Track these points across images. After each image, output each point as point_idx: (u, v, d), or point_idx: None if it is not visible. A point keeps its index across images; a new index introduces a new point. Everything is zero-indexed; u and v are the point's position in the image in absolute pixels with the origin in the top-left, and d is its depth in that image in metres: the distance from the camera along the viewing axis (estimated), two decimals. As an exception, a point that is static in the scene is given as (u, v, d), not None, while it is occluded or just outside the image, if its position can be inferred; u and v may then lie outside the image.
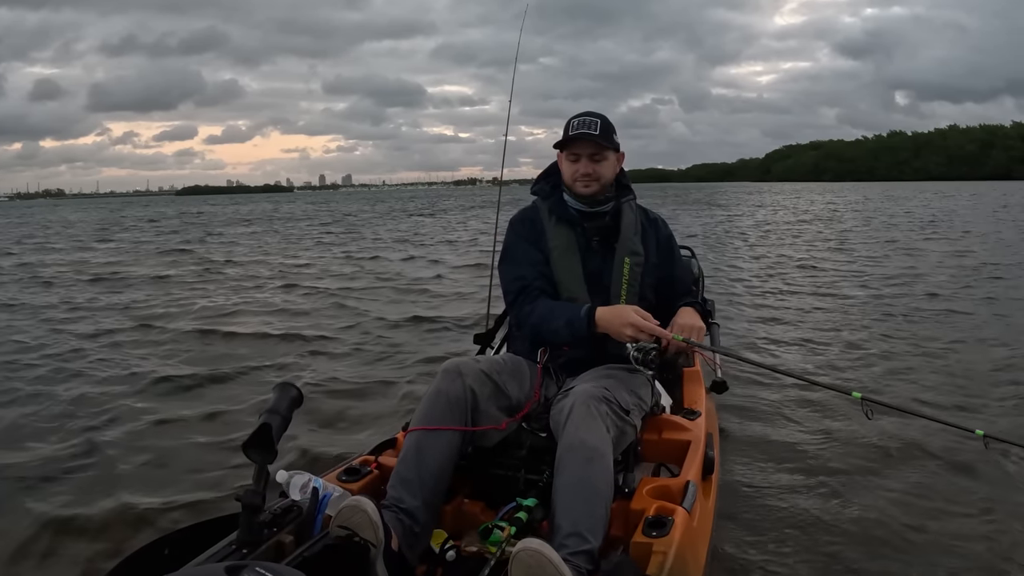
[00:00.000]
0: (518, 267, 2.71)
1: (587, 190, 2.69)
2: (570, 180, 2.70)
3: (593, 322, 2.48)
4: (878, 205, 37.57)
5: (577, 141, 2.66)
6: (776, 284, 10.67)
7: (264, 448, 1.95)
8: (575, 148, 2.68)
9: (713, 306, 4.03)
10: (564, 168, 2.72)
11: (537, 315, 2.60)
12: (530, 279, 2.67)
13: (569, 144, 2.68)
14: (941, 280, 10.58)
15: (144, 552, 1.94)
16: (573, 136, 2.64)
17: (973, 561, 2.93)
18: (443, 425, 2.33)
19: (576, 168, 2.68)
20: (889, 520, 3.26)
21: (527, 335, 2.71)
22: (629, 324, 2.43)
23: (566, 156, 2.70)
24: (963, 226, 21.90)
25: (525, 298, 2.66)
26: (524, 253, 2.72)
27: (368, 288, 10.95)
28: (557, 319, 2.56)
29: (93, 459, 4.07)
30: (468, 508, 2.49)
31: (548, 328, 2.58)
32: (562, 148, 2.71)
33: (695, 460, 2.54)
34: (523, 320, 2.67)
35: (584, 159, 2.67)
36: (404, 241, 20.74)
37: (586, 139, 2.65)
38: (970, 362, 5.91)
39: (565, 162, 2.71)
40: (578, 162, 2.68)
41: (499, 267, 2.82)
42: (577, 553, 2.02)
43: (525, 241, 2.74)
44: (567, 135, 2.66)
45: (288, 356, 6.59)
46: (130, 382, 5.66)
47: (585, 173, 2.67)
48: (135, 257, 17.20)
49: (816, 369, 5.81)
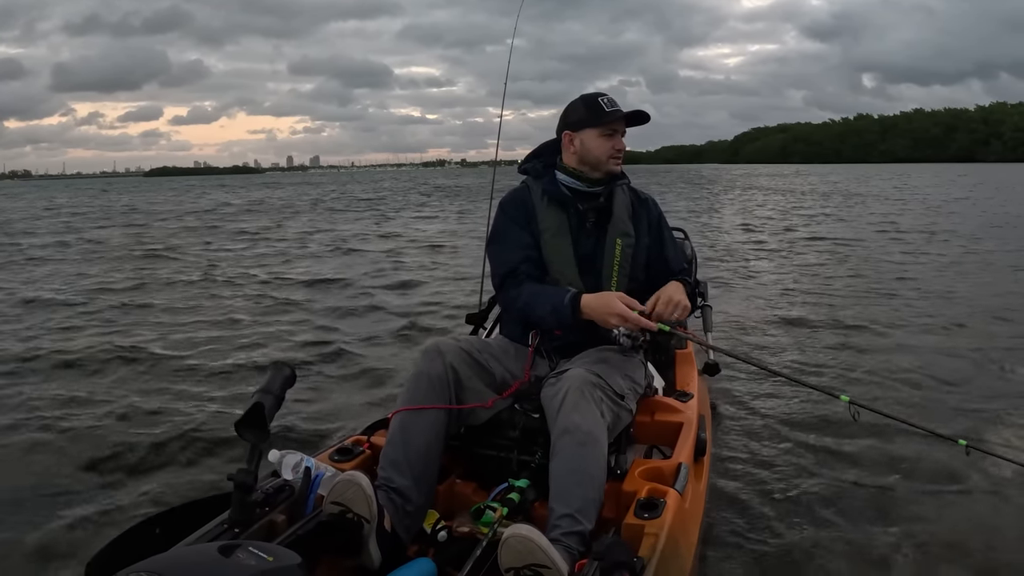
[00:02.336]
0: (506, 250, 2.69)
1: (619, 167, 2.71)
2: (604, 157, 2.67)
3: (578, 309, 2.47)
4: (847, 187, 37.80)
5: (615, 118, 2.66)
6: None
7: (257, 428, 1.95)
8: (614, 124, 2.67)
9: (706, 287, 4.02)
10: (596, 146, 2.67)
11: (523, 300, 2.58)
12: (517, 263, 2.64)
13: (607, 119, 2.65)
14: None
15: (135, 531, 1.95)
16: (612, 112, 2.64)
17: (968, 536, 2.98)
18: (427, 405, 2.33)
19: (612, 144, 2.67)
20: (882, 497, 3.30)
21: (514, 319, 2.72)
22: (615, 314, 2.41)
23: (599, 133, 2.66)
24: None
25: (512, 282, 2.63)
26: (513, 236, 2.69)
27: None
28: (542, 306, 2.54)
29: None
30: (460, 489, 2.49)
31: (534, 314, 2.57)
32: (594, 124, 2.66)
33: (687, 442, 2.55)
34: (509, 305, 2.67)
35: (618, 134, 2.68)
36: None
37: (622, 116, 2.66)
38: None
39: (597, 139, 2.66)
40: (614, 137, 2.67)
41: (487, 249, 2.80)
42: (569, 534, 2.04)
43: (515, 224, 2.71)
44: (604, 111, 2.64)
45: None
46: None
47: (620, 149, 2.68)
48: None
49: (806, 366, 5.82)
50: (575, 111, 2.70)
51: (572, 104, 2.74)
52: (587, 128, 2.67)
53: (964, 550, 2.89)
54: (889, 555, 2.88)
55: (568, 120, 2.71)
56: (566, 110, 2.75)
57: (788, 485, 3.42)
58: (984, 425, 4.14)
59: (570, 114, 2.72)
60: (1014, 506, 3.21)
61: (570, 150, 2.72)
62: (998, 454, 2.90)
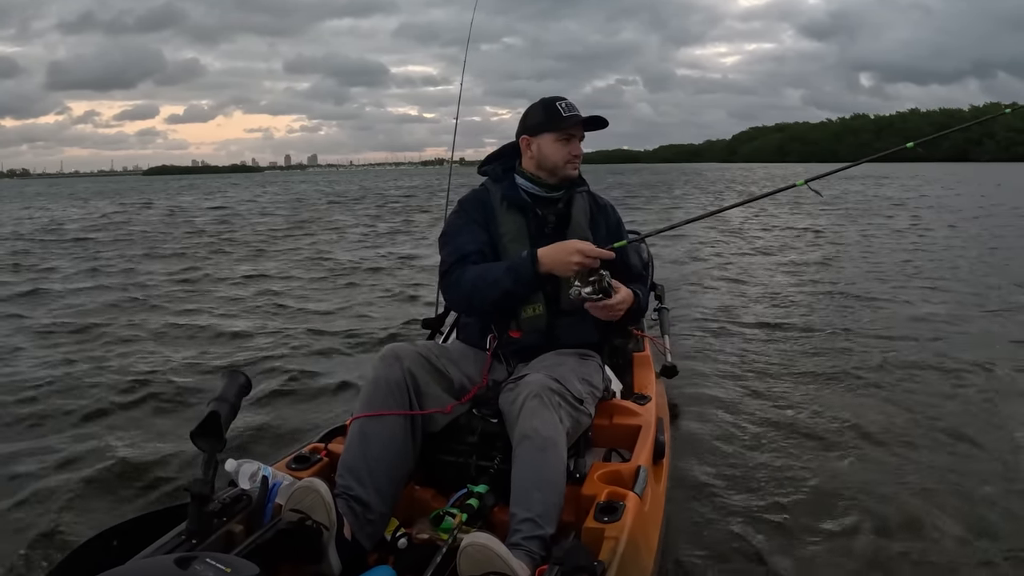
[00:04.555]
0: (460, 241, 2.67)
1: (575, 173, 2.72)
2: (561, 162, 2.67)
3: (537, 261, 2.46)
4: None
5: (572, 123, 2.67)
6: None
7: (212, 437, 1.92)
8: (571, 129, 2.67)
9: (663, 290, 4.07)
10: (552, 151, 2.67)
11: (473, 273, 2.56)
12: (470, 251, 2.62)
13: (564, 124, 2.66)
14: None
15: (92, 544, 1.92)
16: (570, 117, 2.65)
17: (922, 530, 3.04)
18: (385, 410, 2.31)
19: (570, 149, 2.68)
20: (841, 493, 3.35)
21: (460, 300, 2.66)
22: (576, 251, 2.41)
23: (556, 138, 2.66)
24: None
25: (459, 266, 2.61)
26: (470, 231, 2.68)
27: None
28: (495, 270, 2.52)
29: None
30: (419, 495, 2.49)
31: (485, 280, 2.52)
32: (551, 128, 2.67)
33: (646, 445, 2.57)
34: (456, 281, 2.59)
35: (576, 139, 2.69)
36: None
37: (580, 121, 2.67)
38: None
39: (554, 144, 2.67)
40: (572, 142, 2.68)
41: (440, 241, 2.76)
42: (531, 539, 2.04)
43: (473, 222, 2.70)
44: (561, 116, 2.65)
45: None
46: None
47: (577, 155, 2.69)
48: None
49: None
50: (534, 115, 2.71)
51: (531, 108, 2.74)
52: (545, 132, 2.68)
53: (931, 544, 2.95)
54: (852, 549, 2.92)
55: (526, 124, 2.72)
56: (525, 113, 2.76)
57: (749, 486, 3.45)
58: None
59: (528, 118, 2.72)
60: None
61: (528, 154, 2.73)
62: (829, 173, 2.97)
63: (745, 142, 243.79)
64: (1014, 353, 5.66)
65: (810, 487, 3.41)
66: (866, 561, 2.84)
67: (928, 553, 2.87)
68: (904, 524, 3.08)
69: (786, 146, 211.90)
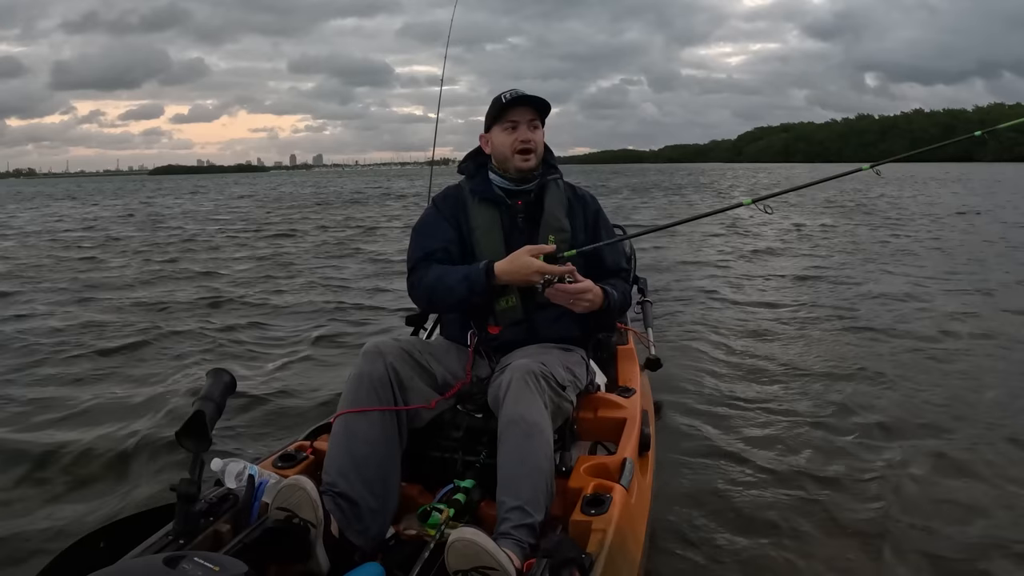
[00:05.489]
0: (427, 238, 2.68)
1: (527, 164, 2.66)
2: (509, 152, 2.65)
3: (492, 274, 2.46)
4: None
5: (514, 108, 2.63)
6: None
7: (198, 436, 1.91)
8: (512, 116, 2.64)
9: (646, 284, 4.08)
10: (500, 142, 2.66)
11: (433, 274, 2.56)
12: (434, 249, 2.63)
13: (506, 112, 2.64)
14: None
15: (80, 545, 1.91)
16: (513, 100, 2.62)
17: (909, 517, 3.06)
18: (369, 406, 2.30)
19: (515, 136, 2.63)
20: (830, 482, 3.38)
21: (421, 299, 2.67)
22: (535, 272, 2.42)
23: (501, 129, 2.65)
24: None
25: (423, 265, 2.62)
26: (439, 228, 2.69)
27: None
28: (453, 274, 2.53)
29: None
30: (406, 491, 2.48)
31: (443, 285, 2.53)
32: (497, 119, 2.66)
33: (631, 437, 2.57)
34: (418, 281, 2.61)
35: (523, 125, 2.64)
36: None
37: (525, 103, 2.64)
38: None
39: (501, 135, 2.65)
40: (516, 129, 2.64)
41: (411, 235, 2.76)
42: (520, 527, 2.04)
43: (444, 219, 2.70)
44: (501, 104, 2.63)
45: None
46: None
47: (524, 140, 2.63)
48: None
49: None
50: (487, 112, 2.71)
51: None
52: (494, 126, 2.69)
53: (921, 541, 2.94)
54: (841, 539, 2.94)
55: (485, 123, 2.73)
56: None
57: (734, 478, 3.47)
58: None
59: (485, 116, 2.73)
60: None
61: (487, 152, 2.74)
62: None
63: (750, 142, 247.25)
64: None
65: (796, 477, 3.44)
66: (854, 552, 2.86)
67: (919, 543, 2.88)
68: (898, 510, 3.10)
69: (792, 146, 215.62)
